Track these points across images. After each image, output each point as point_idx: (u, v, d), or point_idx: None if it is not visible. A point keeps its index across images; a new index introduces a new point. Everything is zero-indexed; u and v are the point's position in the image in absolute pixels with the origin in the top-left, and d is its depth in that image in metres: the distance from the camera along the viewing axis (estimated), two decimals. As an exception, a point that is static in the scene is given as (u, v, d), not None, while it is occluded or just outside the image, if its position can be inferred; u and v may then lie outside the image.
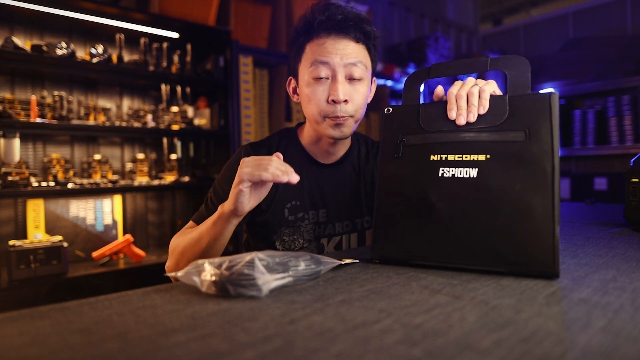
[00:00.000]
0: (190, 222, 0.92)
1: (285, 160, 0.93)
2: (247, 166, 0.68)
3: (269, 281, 0.48)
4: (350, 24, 0.86)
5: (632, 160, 1.02)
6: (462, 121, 0.65)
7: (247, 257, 0.50)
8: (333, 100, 0.85)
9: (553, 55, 3.49)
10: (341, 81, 0.86)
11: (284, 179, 0.66)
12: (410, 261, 0.64)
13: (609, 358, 0.33)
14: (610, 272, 0.59)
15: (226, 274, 0.47)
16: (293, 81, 0.96)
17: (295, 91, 0.95)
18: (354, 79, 0.87)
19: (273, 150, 0.94)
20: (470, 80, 0.69)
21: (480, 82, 0.69)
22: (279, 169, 0.67)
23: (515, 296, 0.48)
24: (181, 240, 0.82)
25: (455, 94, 0.67)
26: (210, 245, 0.77)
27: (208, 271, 0.48)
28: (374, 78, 0.98)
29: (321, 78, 0.86)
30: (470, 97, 0.65)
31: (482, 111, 0.64)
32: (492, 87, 0.67)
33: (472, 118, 0.65)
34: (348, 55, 0.86)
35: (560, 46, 3.54)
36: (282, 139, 0.99)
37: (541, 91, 0.60)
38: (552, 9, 3.88)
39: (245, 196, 0.69)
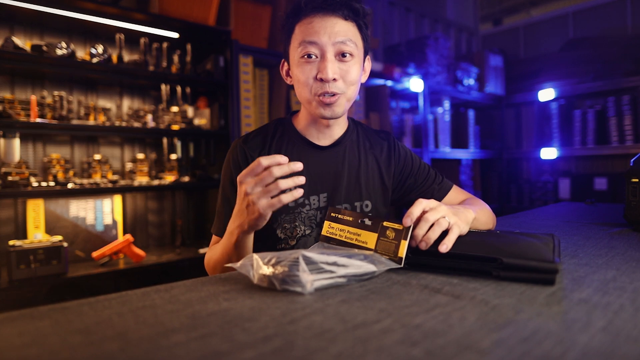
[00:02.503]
0: (214, 238, 0.93)
1: (282, 146, 0.94)
2: (257, 196, 0.67)
3: (310, 280, 0.50)
4: (337, 1, 0.84)
5: (632, 160, 1.02)
6: (423, 246, 0.63)
7: (294, 255, 0.54)
8: (321, 79, 0.84)
9: (553, 55, 3.49)
10: (330, 59, 0.84)
11: (296, 181, 0.68)
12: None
13: (609, 358, 0.33)
14: (610, 272, 0.59)
15: (273, 270, 0.52)
16: (285, 64, 0.94)
17: (288, 73, 0.94)
18: (344, 57, 0.85)
19: (269, 138, 0.94)
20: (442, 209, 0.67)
21: (451, 216, 0.67)
22: (284, 183, 0.67)
23: (515, 296, 0.48)
24: (212, 256, 0.87)
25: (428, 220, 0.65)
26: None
27: (260, 266, 0.53)
28: (368, 57, 0.96)
29: (310, 57, 0.85)
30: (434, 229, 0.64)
31: (444, 250, 0.62)
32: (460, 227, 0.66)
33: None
34: (336, 34, 0.84)
35: (560, 46, 3.53)
36: (278, 126, 0.98)
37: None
38: (552, 9, 3.88)
39: (265, 219, 0.70)
